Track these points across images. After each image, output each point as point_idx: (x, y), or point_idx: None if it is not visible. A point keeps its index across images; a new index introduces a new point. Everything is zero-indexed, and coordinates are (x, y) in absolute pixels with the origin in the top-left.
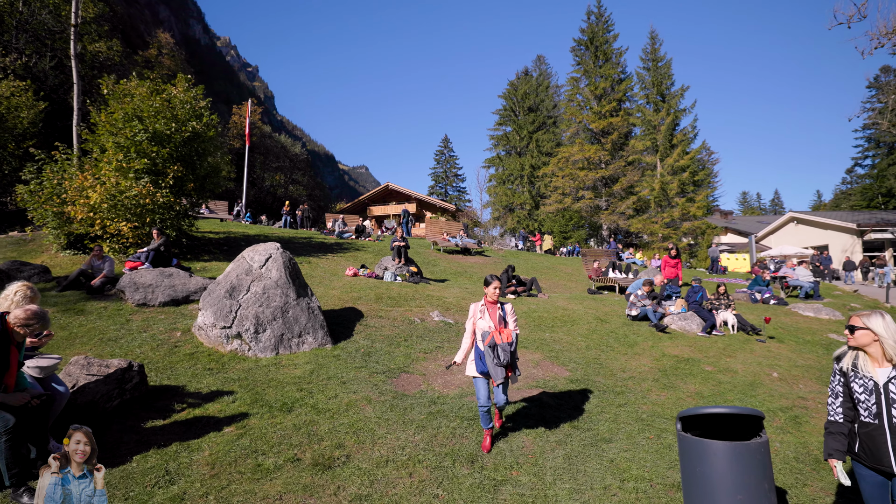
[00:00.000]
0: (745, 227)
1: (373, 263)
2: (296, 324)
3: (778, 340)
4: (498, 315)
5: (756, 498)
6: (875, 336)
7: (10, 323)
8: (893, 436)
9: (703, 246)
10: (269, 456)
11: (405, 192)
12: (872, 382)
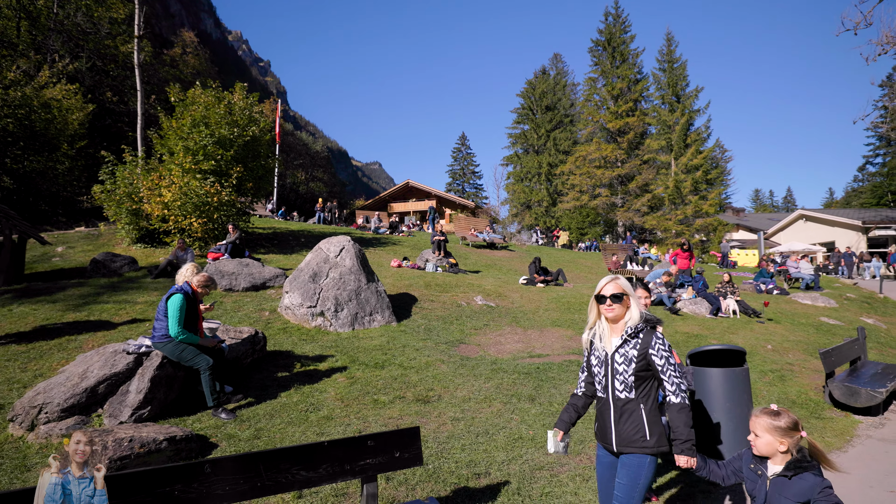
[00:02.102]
0: (757, 224)
1: (413, 256)
2: (367, 304)
3: (776, 322)
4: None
5: (738, 405)
6: (627, 302)
7: (194, 286)
8: (616, 410)
9: (715, 242)
10: (380, 395)
11: (425, 189)
12: (605, 353)
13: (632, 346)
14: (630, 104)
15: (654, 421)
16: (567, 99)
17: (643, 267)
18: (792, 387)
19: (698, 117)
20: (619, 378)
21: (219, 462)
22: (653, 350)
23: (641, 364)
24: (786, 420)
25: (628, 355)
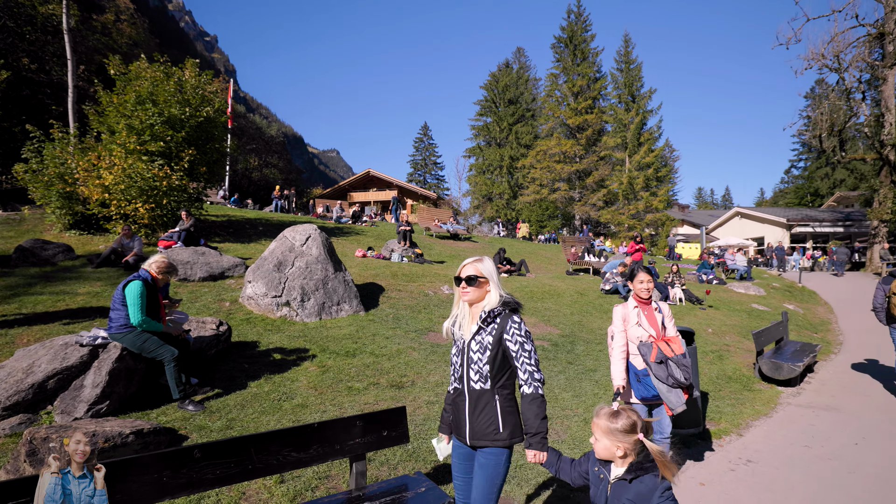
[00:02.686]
0: (699, 220)
1: (377, 246)
2: (335, 294)
3: (715, 308)
4: (658, 318)
5: None
6: (486, 286)
7: (153, 273)
8: (471, 402)
9: (663, 236)
10: (354, 382)
11: (386, 178)
12: (462, 342)
13: (487, 332)
14: (589, 102)
15: (509, 412)
16: (529, 93)
17: (599, 258)
18: (729, 364)
19: (651, 117)
20: (474, 367)
21: (209, 447)
22: (507, 335)
23: (496, 351)
24: (623, 422)
25: (483, 342)
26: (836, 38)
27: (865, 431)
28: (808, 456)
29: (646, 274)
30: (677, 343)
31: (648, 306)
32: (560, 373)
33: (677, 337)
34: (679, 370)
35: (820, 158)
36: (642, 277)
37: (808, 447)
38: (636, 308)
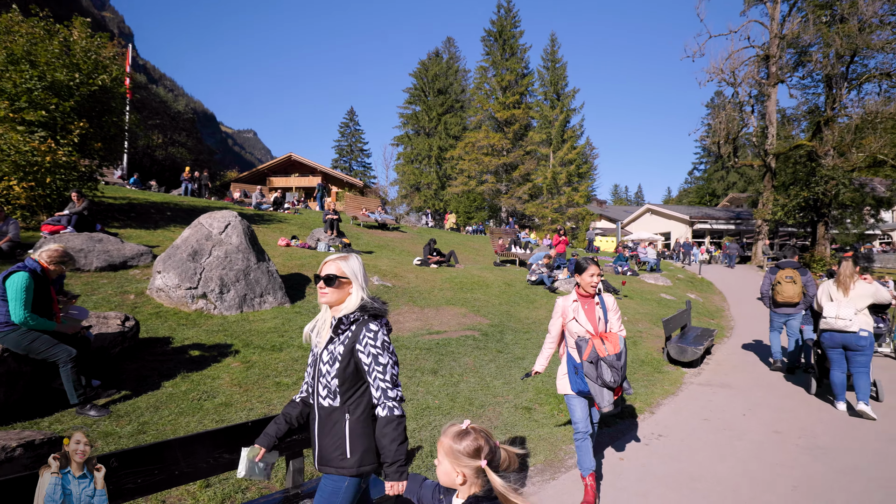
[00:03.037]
0: (615, 215)
1: (302, 234)
2: (257, 285)
3: (630, 298)
4: (597, 314)
5: None
6: (347, 288)
7: (44, 263)
8: (320, 421)
9: (583, 229)
10: (283, 377)
11: (310, 164)
12: (317, 351)
13: (340, 341)
14: (517, 97)
15: (360, 434)
16: (458, 84)
17: (525, 250)
18: (641, 349)
19: (574, 116)
20: (323, 381)
21: (128, 454)
22: (360, 346)
23: (347, 363)
24: (467, 444)
25: (334, 353)
26: (733, 56)
27: (751, 404)
28: (707, 427)
29: (596, 268)
30: (614, 341)
31: (590, 300)
32: (490, 361)
33: (615, 334)
34: (609, 372)
35: (717, 162)
36: (593, 271)
37: (707, 420)
38: (576, 302)
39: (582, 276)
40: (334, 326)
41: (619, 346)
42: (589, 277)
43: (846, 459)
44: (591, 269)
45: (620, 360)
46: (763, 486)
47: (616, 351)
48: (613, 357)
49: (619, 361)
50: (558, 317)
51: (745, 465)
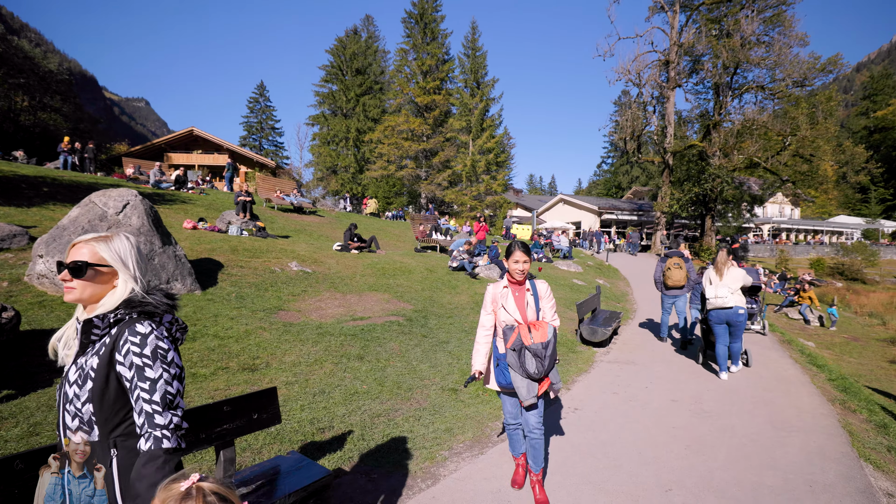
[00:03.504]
0: (530, 204)
1: (210, 217)
2: (163, 271)
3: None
4: (527, 300)
5: None
6: (104, 279)
7: None
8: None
9: (500, 217)
10: (198, 367)
11: (215, 140)
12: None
13: (94, 350)
14: (437, 82)
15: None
16: (378, 65)
17: (446, 237)
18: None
19: (493, 105)
20: (71, 408)
21: (35, 454)
22: (119, 355)
23: (106, 380)
24: None
25: (86, 368)
26: (639, 59)
27: (652, 378)
28: (616, 400)
29: (523, 253)
30: (542, 329)
31: (521, 287)
32: (416, 346)
33: (545, 323)
34: (533, 361)
35: (623, 157)
36: (518, 257)
37: (616, 393)
38: (506, 289)
39: (509, 261)
40: (83, 330)
41: (547, 334)
42: (514, 264)
43: (726, 420)
44: (517, 254)
45: (547, 349)
46: (663, 447)
47: (543, 339)
48: (539, 346)
49: (544, 350)
50: (489, 304)
51: (648, 431)
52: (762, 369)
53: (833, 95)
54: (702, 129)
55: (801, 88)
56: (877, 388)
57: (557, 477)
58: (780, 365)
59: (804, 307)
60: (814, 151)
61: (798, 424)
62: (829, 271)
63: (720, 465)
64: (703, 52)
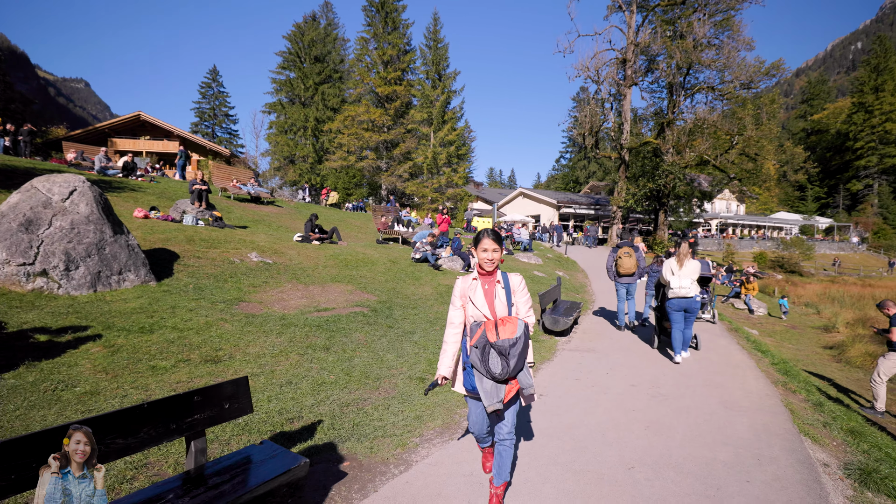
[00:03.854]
0: (491, 197)
1: (163, 206)
2: (115, 261)
3: None
4: (497, 294)
5: None
6: None
7: None
8: None
9: (462, 209)
10: (158, 360)
11: (164, 126)
12: None
13: None
14: (399, 73)
15: None
16: (337, 54)
17: (408, 228)
18: None
19: (455, 98)
20: None
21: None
22: None
23: None
24: None
25: None
26: (597, 56)
27: (612, 364)
28: (578, 386)
29: (492, 241)
30: (511, 325)
31: (491, 279)
32: (382, 336)
33: (515, 318)
34: (498, 361)
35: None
36: (486, 245)
37: (578, 380)
38: (475, 281)
39: (477, 250)
40: None
41: (516, 331)
42: (482, 253)
43: (681, 402)
44: (485, 241)
45: (515, 347)
46: (624, 429)
47: (511, 336)
48: (505, 342)
49: (513, 349)
50: (457, 300)
51: (610, 414)
52: (713, 355)
53: (776, 98)
54: (656, 127)
55: (747, 90)
56: (812, 372)
57: (527, 458)
58: (729, 351)
59: (749, 297)
60: (758, 151)
61: (746, 404)
62: (771, 264)
63: (678, 443)
64: (658, 52)
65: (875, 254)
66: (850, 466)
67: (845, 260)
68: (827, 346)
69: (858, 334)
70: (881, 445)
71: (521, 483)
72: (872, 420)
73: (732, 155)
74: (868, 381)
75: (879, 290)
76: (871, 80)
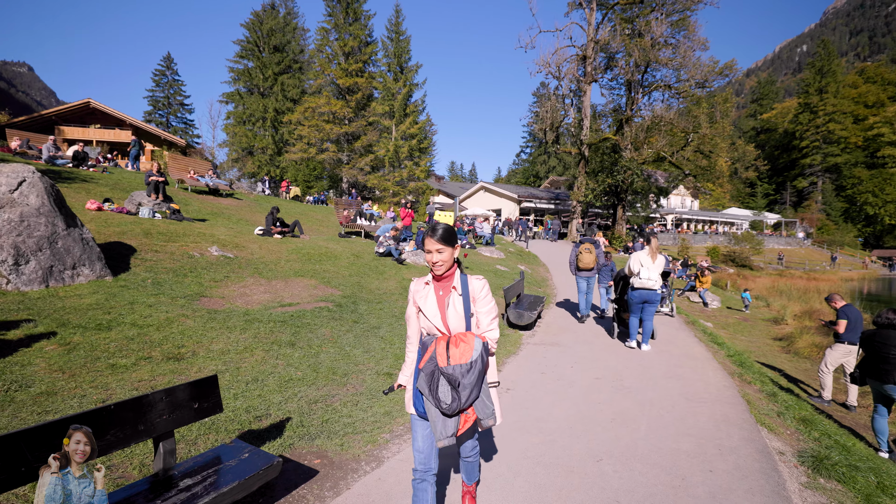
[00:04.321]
0: (452, 191)
1: (118, 198)
2: (68, 255)
3: (470, 270)
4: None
5: None
6: None
7: None
8: None
9: (423, 203)
10: (118, 358)
11: (116, 114)
12: None
13: None
14: (360, 65)
15: None
16: (297, 44)
17: (371, 222)
18: None
19: (417, 91)
20: None
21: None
22: None
23: None
24: None
25: None
26: (558, 52)
27: (576, 358)
28: (544, 379)
29: (432, 240)
30: (466, 346)
31: (445, 284)
32: (348, 331)
33: (471, 336)
34: (447, 390)
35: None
36: (428, 245)
37: (544, 373)
38: (427, 286)
39: (426, 249)
40: None
41: (471, 353)
42: (427, 254)
43: (644, 394)
44: (427, 241)
45: (470, 374)
46: (590, 420)
47: (463, 360)
48: (458, 370)
49: (466, 377)
50: (412, 305)
51: (576, 406)
52: (672, 347)
53: (729, 97)
54: (615, 123)
55: (702, 89)
56: (765, 363)
57: (498, 453)
58: (687, 343)
59: (703, 291)
60: (712, 148)
61: (706, 396)
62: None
63: (642, 434)
64: (617, 50)
65: (819, 248)
66: (803, 454)
67: (791, 254)
68: (777, 338)
69: (805, 326)
70: (830, 433)
71: (493, 478)
72: (820, 409)
73: (688, 152)
74: (815, 372)
75: (823, 283)
76: (815, 81)
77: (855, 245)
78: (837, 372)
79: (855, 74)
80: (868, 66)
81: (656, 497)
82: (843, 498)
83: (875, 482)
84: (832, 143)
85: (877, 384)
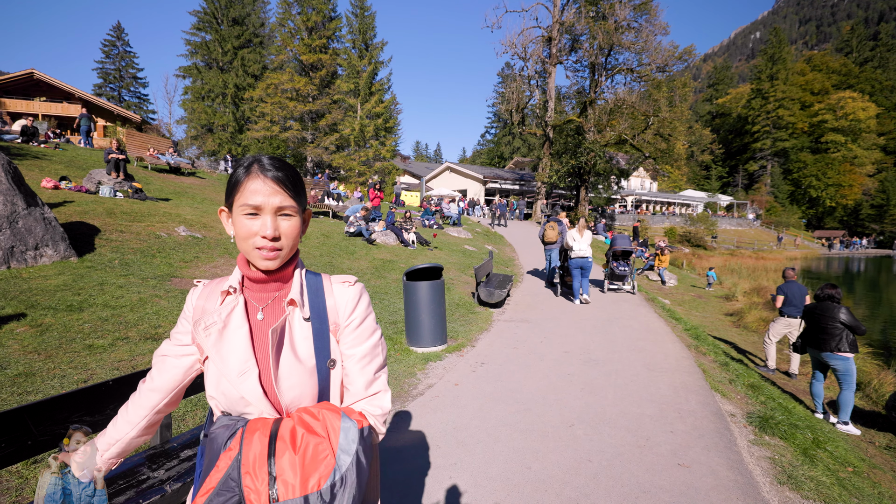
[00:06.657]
0: (418, 171)
1: (75, 175)
2: (30, 235)
3: (440, 249)
4: (289, 335)
5: (438, 304)
6: None
7: None
8: None
9: (389, 183)
10: (94, 339)
11: (63, 86)
12: None
13: None
14: (324, 40)
15: None
16: (258, 16)
17: (338, 202)
18: (455, 294)
19: (382, 69)
20: None
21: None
22: None
23: None
24: None
25: None
26: (524, 33)
27: (545, 333)
28: (516, 354)
29: (270, 183)
30: (321, 439)
31: (275, 295)
32: None
33: (332, 414)
34: None
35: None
36: (256, 197)
37: (516, 348)
38: (232, 296)
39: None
40: None
41: (329, 459)
42: (248, 219)
43: (610, 366)
44: (253, 181)
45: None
46: (562, 390)
47: (315, 482)
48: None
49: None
50: (174, 346)
51: (548, 378)
52: (635, 322)
53: (688, 82)
54: (579, 106)
55: (662, 73)
56: (717, 336)
57: (477, 421)
58: (648, 319)
59: (662, 270)
60: (671, 131)
61: (666, 366)
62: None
63: (610, 401)
64: (581, 32)
65: (767, 229)
66: (751, 415)
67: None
68: (728, 314)
69: (754, 302)
70: (774, 397)
71: (475, 443)
72: (766, 377)
73: (648, 135)
74: (761, 343)
75: (770, 261)
76: (767, 68)
77: (799, 226)
78: (782, 344)
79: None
80: (815, 55)
81: (624, 455)
82: (784, 452)
83: (811, 438)
84: (781, 128)
85: (815, 352)
